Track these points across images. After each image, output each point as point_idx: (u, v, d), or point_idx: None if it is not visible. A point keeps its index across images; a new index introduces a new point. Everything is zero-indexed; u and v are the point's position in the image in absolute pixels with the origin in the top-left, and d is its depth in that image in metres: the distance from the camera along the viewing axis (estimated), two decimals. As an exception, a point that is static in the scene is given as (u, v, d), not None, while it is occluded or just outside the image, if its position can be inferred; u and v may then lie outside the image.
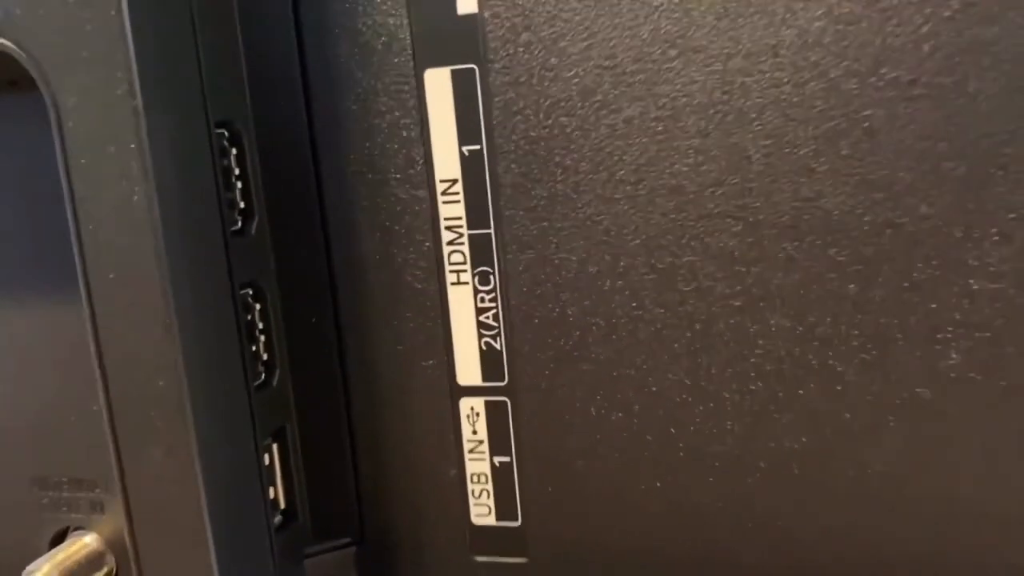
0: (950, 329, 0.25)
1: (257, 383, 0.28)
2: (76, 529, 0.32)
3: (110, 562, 0.31)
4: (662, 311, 0.26)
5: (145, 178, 0.24)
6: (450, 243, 0.28)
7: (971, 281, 0.24)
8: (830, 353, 0.25)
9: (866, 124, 0.24)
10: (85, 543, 0.31)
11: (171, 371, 0.25)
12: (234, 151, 0.27)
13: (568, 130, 0.26)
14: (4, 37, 0.24)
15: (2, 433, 0.32)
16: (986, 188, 0.24)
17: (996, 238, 0.24)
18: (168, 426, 0.25)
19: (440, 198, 0.27)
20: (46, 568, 0.29)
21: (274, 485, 0.29)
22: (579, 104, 0.26)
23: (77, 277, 0.26)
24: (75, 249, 0.25)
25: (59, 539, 0.32)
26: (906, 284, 0.25)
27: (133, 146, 0.24)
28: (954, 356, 0.25)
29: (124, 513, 0.27)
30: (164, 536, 0.27)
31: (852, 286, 0.25)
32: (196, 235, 0.26)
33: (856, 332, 0.25)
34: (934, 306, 0.25)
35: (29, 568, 0.29)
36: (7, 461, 0.32)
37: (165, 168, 0.24)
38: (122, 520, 0.30)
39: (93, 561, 0.31)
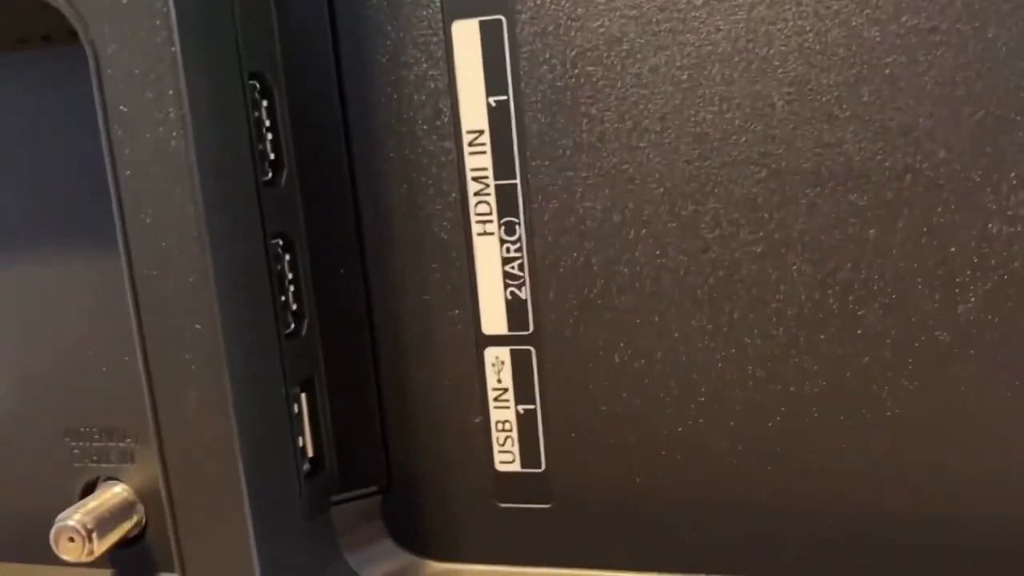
0: (968, 272, 0.25)
1: (287, 332, 0.29)
2: (107, 479, 0.32)
3: (140, 511, 0.32)
4: (685, 258, 0.27)
5: (182, 123, 0.24)
6: (476, 194, 0.28)
7: (989, 224, 0.25)
8: (850, 298, 0.26)
9: (887, 71, 0.25)
10: (116, 492, 0.32)
11: (206, 315, 0.26)
12: (265, 103, 0.28)
13: (594, 79, 0.26)
14: (44, -13, 0.25)
15: (35, 384, 0.32)
16: (1004, 133, 0.24)
17: (1014, 182, 0.24)
18: (202, 369, 0.26)
19: (467, 149, 0.28)
20: (78, 516, 0.30)
21: (303, 434, 0.30)
22: (605, 53, 0.26)
23: (109, 229, 0.26)
24: (112, 194, 0.25)
25: (90, 489, 0.32)
26: (925, 228, 0.25)
27: (171, 92, 0.24)
28: (972, 299, 0.25)
29: (158, 457, 0.27)
30: (197, 481, 0.27)
31: (872, 231, 0.26)
32: (230, 183, 0.26)
33: (876, 276, 0.26)
34: (953, 250, 0.25)
35: (61, 515, 0.30)
36: (40, 412, 0.32)
37: (201, 115, 0.25)
38: (153, 470, 0.31)
39: (124, 510, 0.32)
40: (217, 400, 0.26)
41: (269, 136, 0.28)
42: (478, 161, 0.28)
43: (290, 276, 0.29)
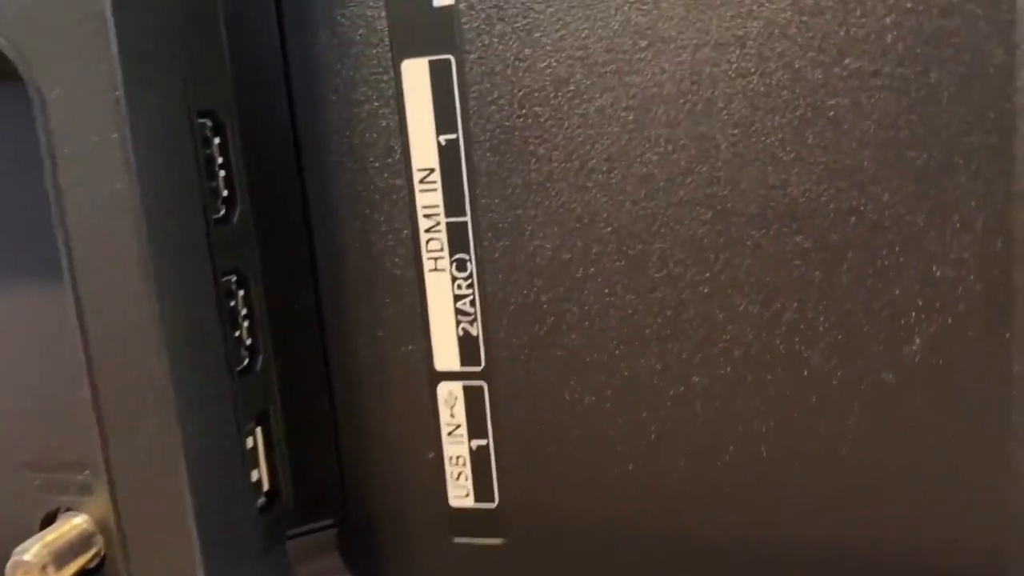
0: (913, 314, 0.25)
1: (240, 367, 0.29)
2: (67, 510, 0.32)
3: (99, 543, 0.32)
4: (633, 297, 0.27)
5: (127, 168, 0.25)
6: (428, 230, 0.28)
7: (933, 267, 0.25)
8: (797, 338, 0.26)
9: (831, 113, 0.25)
10: (75, 524, 0.32)
11: (154, 356, 0.26)
12: (217, 140, 0.28)
13: (542, 119, 0.27)
14: (-10, 31, 0.25)
15: (-6, 417, 0.32)
16: (947, 177, 0.24)
17: (957, 225, 0.24)
18: (152, 410, 0.26)
19: (418, 186, 0.28)
20: (36, 548, 0.30)
21: (258, 467, 0.30)
22: (552, 94, 0.26)
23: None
24: (59, 238, 0.26)
25: (50, 520, 0.32)
26: (870, 271, 0.25)
27: (115, 136, 0.24)
28: (917, 341, 0.25)
29: (109, 494, 0.28)
30: (148, 517, 0.27)
31: (818, 273, 0.26)
32: (179, 223, 0.26)
33: (822, 318, 0.26)
34: (897, 292, 0.25)
35: (19, 548, 0.30)
36: (0, 444, 0.32)
37: (147, 158, 0.25)
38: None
39: (83, 542, 0.32)
40: (166, 438, 0.26)
41: (222, 173, 0.28)
42: (429, 199, 0.28)
43: (244, 312, 0.29)
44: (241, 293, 0.29)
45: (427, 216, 0.28)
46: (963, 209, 0.24)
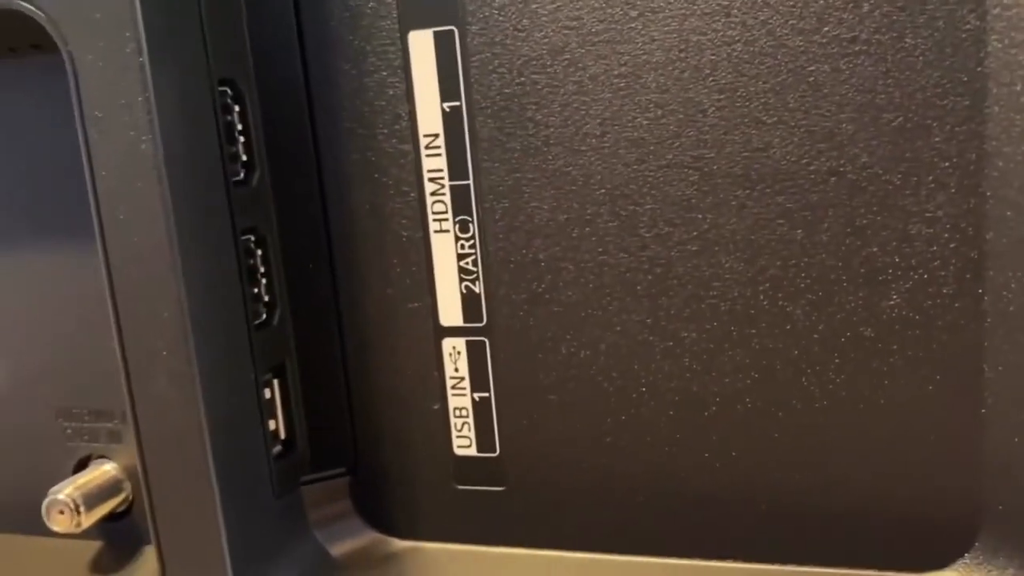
0: (890, 271, 0.26)
1: (258, 322, 0.31)
2: (98, 458, 0.35)
3: (127, 488, 0.34)
4: (625, 256, 0.28)
5: (151, 127, 0.26)
6: (433, 193, 0.30)
7: (909, 226, 0.26)
8: (779, 294, 0.27)
9: (811, 79, 0.26)
10: (105, 470, 0.34)
11: (174, 304, 0.28)
12: (237, 108, 0.30)
13: (539, 87, 0.28)
14: (26, 2, 0.27)
15: (30, 368, 0.35)
16: (922, 138, 0.25)
17: (932, 185, 0.26)
18: (171, 355, 0.28)
19: (424, 151, 0.30)
20: (68, 490, 0.32)
21: (275, 417, 0.32)
22: (549, 62, 0.28)
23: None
24: (89, 192, 0.28)
25: (82, 466, 0.35)
26: (849, 229, 0.26)
27: (140, 99, 0.26)
28: (894, 297, 0.27)
29: (135, 441, 0.29)
30: (169, 459, 0.29)
31: (799, 231, 0.27)
32: (199, 182, 0.28)
33: (803, 274, 0.27)
34: (875, 249, 0.26)
35: (53, 489, 0.32)
36: (34, 393, 0.35)
37: (170, 119, 0.27)
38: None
39: (112, 487, 0.34)
40: (185, 384, 0.28)
41: (241, 139, 0.30)
42: (434, 163, 0.30)
43: (262, 269, 0.31)
44: (259, 252, 0.31)
45: (432, 180, 0.30)
46: (937, 169, 0.25)
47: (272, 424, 0.32)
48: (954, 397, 0.27)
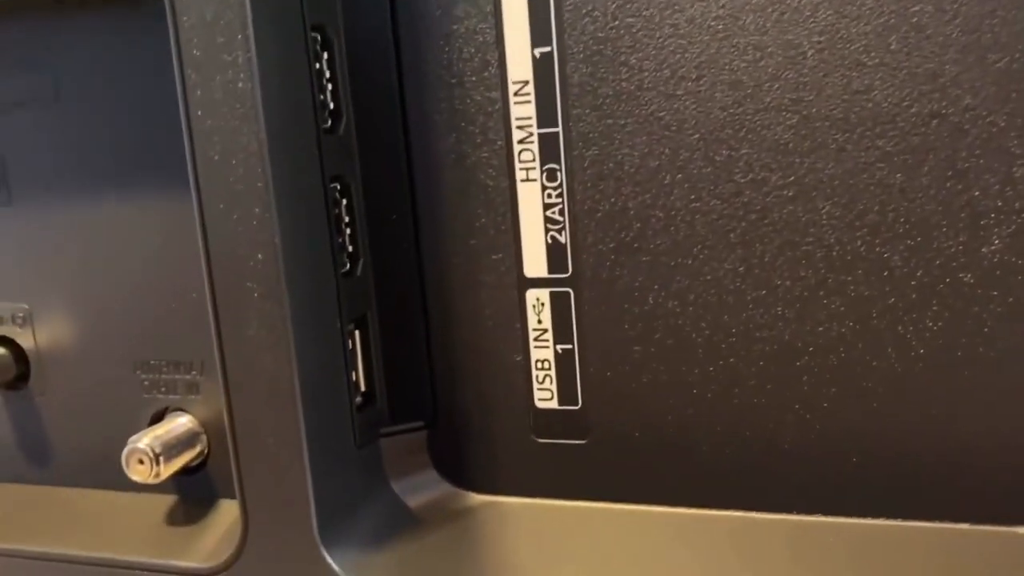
0: (992, 215, 0.26)
1: (343, 271, 0.31)
2: (175, 410, 0.35)
3: (203, 441, 0.34)
4: (719, 202, 0.28)
5: (249, 66, 0.27)
6: (520, 142, 0.30)
7: (1013, 168, 0.26)
8: (877, 240, 0.27)
9: (914, 19, 0.26)
10: (182, 422, 0.34)
11: (268, 246, 0.28)
12: (325, 55, 0.30)
13: (634, 30, 0.28)
14: (127, -57, 0.27)
15: (109, 319, 0.35)
16: (1029, 78, 0.25)
17: (1038, 126, 0.25)
18: (264, 298, 0.28)
19: (512, 99, 0.30)
20: (148, 438, 0.33)
21: (356, 368, 0.32)
22: (645, 5, 0.28)
23: (180, 174, 0.29)
24: (184, 133, 0.28)
25: (158, 418, 0.35)
26: (950, 172, 0.26)
27: (240, 37, 0.27)
28: (996, 242, 0.26)
29: (221, 380, 0.29)
30: (257, 405, 0.29)
31: (899, 175, 0.27)
32: (292, 126, 0.28)
33: (902, 219, 0.27)
34: (977, 193, 0.26)
35: (132, 438, 0.32)
36: (113, 345, 0.35)
37: (267, 60, 0.27)
38: (216, 403, 0.33)
39: (189, 439, 0.34)
40: (277, 328, 0.28)
41: (329, 86, 0.30)
42: (523, 111, 0.30)
43: (347, 219, 0.31)
44: (344, 201, 0.31)
45: (520, 127, 0.30)
46: (1045, 110, 0.25)
47: (353, 375, 0.32)
48: (1057, 344, 0.26)
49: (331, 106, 0.30)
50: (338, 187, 0.31)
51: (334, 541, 0.30)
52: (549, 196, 0.30)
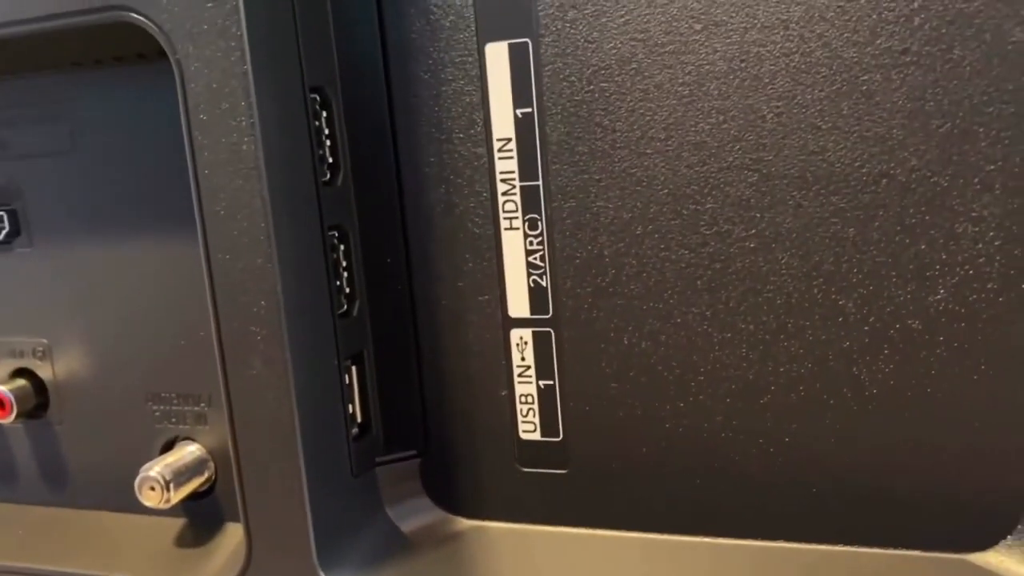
0: (937, 267, 0.28)
1: (340, 312, 0.33)
2: (184, 439, 0.37)
3: (211, 468, 0.37)
4: (686, 252, 0.30)
5: (253, 130, 0.29)
6: (504, 193, 0.32)
7: (955, 225, 0.28)
8: (832, 288, 0.29)
9: (864, 87, 0.28)
10: (191, 450, 0.37)
11: (271, 294, 0.30)
12: (324, 113, 0.32)
13: (607, 94, 0.30)
14: (141, 15, 0.29)
15: (123, 354, 0.37)
16: (968, 143, 0.27)
17: (978, 187, 0.27)
18: (266, 340, 0.30)
19: (496, 154, 0.32)
20: (159, 467, 0.35)
21: (352, 402, 0.34)
22: (617, 71, 0.30)
23: (190, 221, 0.31)
24: (193, 190, 0.30)
25: (169, 447, 0.37)
26: (898, 227, 0.28)
27: (243, 103, 0.29)
28: (941, 291, 0.28)
29: (227, 415, 0.32)
30: (259, 436, 0.32)
31: (852, 229, 0.29)
32: (293, 181, 0.31)
33: (855, 270, 0.29)
34: (923, 247, 0.28)
35: (144, 467, 0.35)
36: (126, 377, 0.37)
37: (269, 123, 0.29)
38: (223, 432, 0.35)
39: (197, 466, 0.36)
40: (278, 367, 0.31)
41: (328, 142, 0.32)
42: (506, 165, 0.32)
43: (344, 263, 0.33)
44: (342, 247, 0.33)
45: (504, 180, 0.32)
46: (983, 171, 0.27)
47: (350, 408, 0.34)
48: (997, 387, 0.28)
49: (330, 160, 0.33)
50: (336, 235, 0.33)
51: (332, 563, 0.32)
52: (531, 243, 0.32)
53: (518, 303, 0.33)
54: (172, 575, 0.35)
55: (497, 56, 0.31)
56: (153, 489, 0.34)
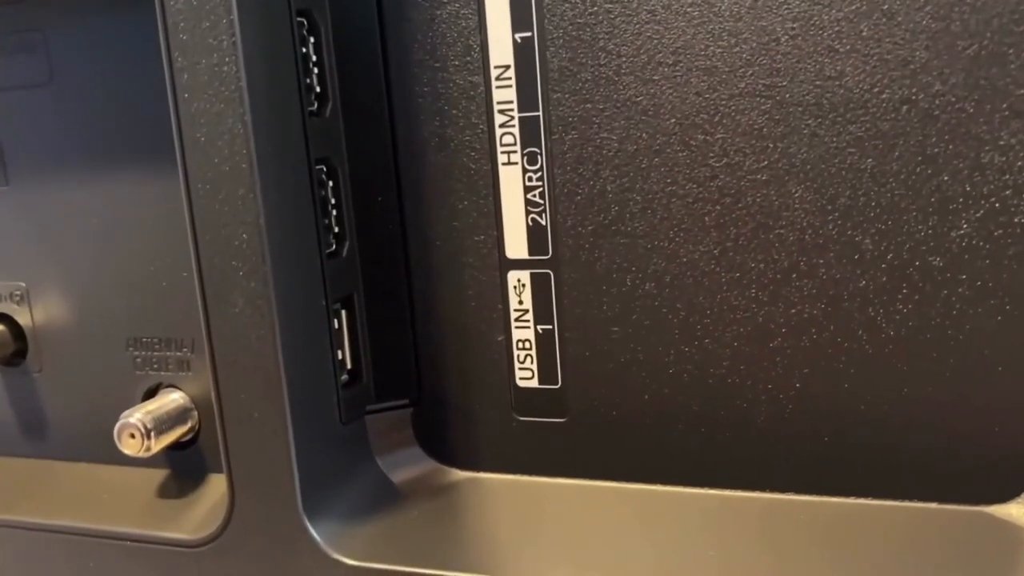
0: (960, 200, 0.26)
1: (328, 251, 0.32)
2: (167, 387, 0.35)
3: (194, 418, 0.35)
4: (694, 186, 0.29)
5: (234, 50, 0.27)
6: (502, 125, 0.30)
7: (981, 154, 0.26)
8: (849, 224, 0.28)
9: (885, 6, 0.26)
10: (173, 398, 0.35)
11: (252, 226, 0.28)
12: (312, 39, 0.31)
13: (612, 16, 0.28)
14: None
15: (102, 297, 0.36)
16: (997, 65, 0.25)
17: (1006, 113, 0.26)
18: (248, 276, 0.29)
19: (494, 83, 0.30)
20: (139, 414, 0.33)
21: (342, 347, 0.33)
22: (622, -9, 0.28)
23: (170, 156, 0.29)
24: (172, 115, 0.28)
25: (151, 394, 0.36)
26: (920, 158, 0.27)
27: (225, 21, 0.27)
28: (964, 226, 0.27)
29: (209, 364, 0.30)
30: (242, 380, 0.30)
31: (870, 160, 0.27)
32: (277, 109, 0.29)
33: (873, 204, 0.27)
34: (946, 178, 0.26)
35: (124, 413, 0.33)
36: (106, 322, 0.36)
37: (252, 44, 0.28)
38: (208, 380, 0.33)
39: (180, 415, 0.35)
40: (262, 305, 0.29)
41: (315, 71, 0.31)
42: (504, 95, 0.30)
43: (332, 201, 0.32)
44: (330, 183, 0.32)
45: (501, 111, 0.30)
46: (1012, 96, 0.25)
47: (339, 354, 0.33)
48: (1022, 329, 0.27)
49: (317, 89, 0.31)
50: (324, 169, 0.31)
51: (317, 514, 0.31)
52: (530, 179, 0.31)
53: (516, 243, 0.31)
54: (152, 527, 0.33)
55: (495, -22, 0.29)
56: (133, 436, 0.33)
